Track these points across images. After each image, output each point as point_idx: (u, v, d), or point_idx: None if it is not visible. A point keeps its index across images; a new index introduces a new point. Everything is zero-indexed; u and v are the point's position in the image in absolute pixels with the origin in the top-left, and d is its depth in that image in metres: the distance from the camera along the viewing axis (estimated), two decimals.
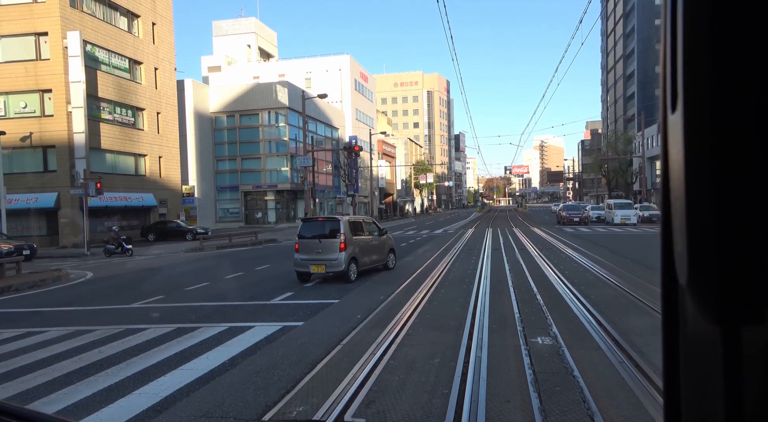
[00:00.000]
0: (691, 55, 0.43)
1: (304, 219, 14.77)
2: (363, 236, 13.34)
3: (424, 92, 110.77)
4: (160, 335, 7.71)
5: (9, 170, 27.96)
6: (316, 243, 12.41)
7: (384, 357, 6.04)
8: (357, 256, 12.69)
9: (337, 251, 12.16)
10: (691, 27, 0.43)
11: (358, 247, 12.83)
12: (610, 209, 35.69)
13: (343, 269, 12.18)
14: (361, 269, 12.96)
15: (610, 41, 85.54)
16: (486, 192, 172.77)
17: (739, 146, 0.42)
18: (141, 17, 35.01)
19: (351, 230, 12.71)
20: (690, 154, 0.44)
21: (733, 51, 0.41)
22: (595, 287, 10.41)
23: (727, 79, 0.42)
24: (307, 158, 36.86)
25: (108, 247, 22.82)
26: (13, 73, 28.95)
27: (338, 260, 12.13)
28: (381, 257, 14.08)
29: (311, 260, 12.30)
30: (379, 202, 68.76)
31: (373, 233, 13.98)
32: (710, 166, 0.42)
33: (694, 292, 0.45)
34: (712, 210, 0.43)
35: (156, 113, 36.21)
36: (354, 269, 12.55)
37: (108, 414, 4.77)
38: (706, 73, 0.42)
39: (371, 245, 13.64)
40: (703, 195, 0.43)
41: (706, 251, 0.43)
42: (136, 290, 12.82)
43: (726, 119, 0.42)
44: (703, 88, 0.43)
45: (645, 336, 6.51)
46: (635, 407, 4.40)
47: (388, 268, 14.42)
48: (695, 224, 0.44)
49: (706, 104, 0.43)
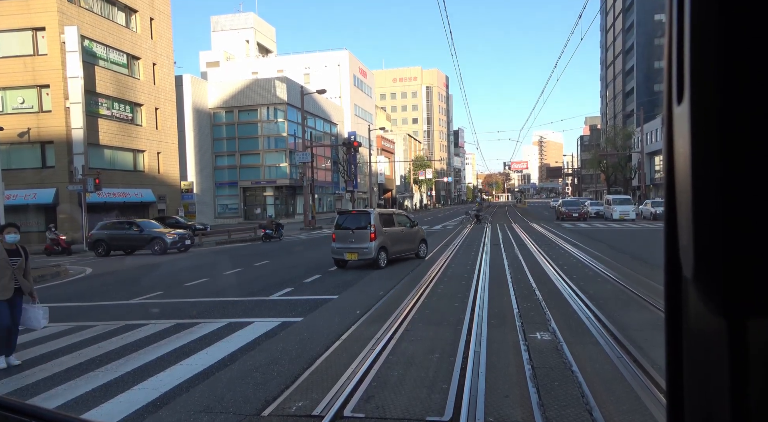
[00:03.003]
0: (699, 44, 0.42)
1: (340, 212, 16.09)
2: (393, 227, 14.55)
3: (423, 88, 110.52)
4: (160, 331, 7.72)
5: (7, 166, 27.86)
6: (350, 233, 13.77)
7: (383, 352, 6.05)
8: (387, 245, 13.96)
9: (368, 241, 13.52)
10: (700, 14, 0.42)
11: (388, 237, 14.08)
12: (608, 204, 35.73)
13: (373, 257, 13.55)
14: (391, 257, 14.21)
15: (610, 36, 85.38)
16: (485, 188, 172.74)
17: (747, 138, 0.41)
18: (139, 12, 34.86)
19: (381, 222, 13.95)
20: (697, 146, 0.43)
21: (743, 40, 0.40)
22: (594, 282, 10.42)
23: (736, 70, 0.41)
24: (306, 154, 36.82)
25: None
26: (11, 68, 28.83)
27: (369, 248, 13.50)
28: (411, 247, 15.33)
29: (345, 249, 13.72)
30: (378, 198, 68.74)
31: (404, 225, 15.23)
32: (718, 158, 0.42)
33: (700, 285, 0.45)
34: (719, 202, 0.42)
35: (154, 109, 36.10)
36: (384, 257, 13.84)
37: (108, 409, 4.78)
38: (714, 63, 0.41)
39: (401, 235, 14.83)
40: (710, 187, 0.42)
41: (713, 244, 0.43)
42: (135, 286, 12.83)
43: (734, 110, 0.41)
44: (711, 79, 0.42)
45: (643, 331, 6.53)
46: (633, 402, 4.42)
47: (420, 256, 15.48)
48: (702, 216, 0.43)
49: (715, 96, 0.42)
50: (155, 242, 21.10)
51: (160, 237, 21.23)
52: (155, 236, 21.33)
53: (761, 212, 0.41)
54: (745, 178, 0.41)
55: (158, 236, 21.30)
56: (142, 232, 21.43)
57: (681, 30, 0.44)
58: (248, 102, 48.29)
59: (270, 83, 48.11)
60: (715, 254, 0.43)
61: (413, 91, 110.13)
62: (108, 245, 21.57)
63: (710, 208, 0.43)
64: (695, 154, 0.43)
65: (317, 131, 52.53)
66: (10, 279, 6.27)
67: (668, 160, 0.50)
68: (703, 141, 0.42)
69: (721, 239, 0.42)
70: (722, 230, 0.42)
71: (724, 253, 0.42)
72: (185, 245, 21.96)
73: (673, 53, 0.46)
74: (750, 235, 0.42)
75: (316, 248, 20.89)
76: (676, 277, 0.52)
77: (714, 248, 0.43)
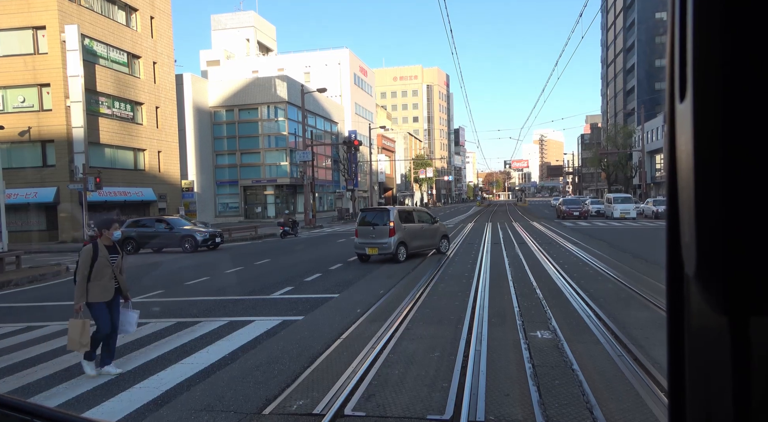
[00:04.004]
0: (703, 40, 0.42)
1: (362, 209, 16.71)
2: (413, 223, 15.20)
3: (423, 86, 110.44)
4: (161, 329, 7.72)
5: (8, 165, 27.88)
6: (370, 230, 14.57)
7: (384, 350, 6.06)
8: (406, 240, 14.60)
9: (387, 236, 14.22)
10: (703, 9, 0.41)
11: (408, 233, 14.71)
12: (609, 203, 35.71)
13: (392, 251, 14.19)
14: (411, 252, 14.86)
15: (610, 35, 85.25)
16: (485, 186, 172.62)
17: (751, 135, 0.41)
18: (139, 11, 34.83)
19: (401, 219, 14.61)
20: (700, 143, 0.42)
21: (748, 35, 0.40)
22: (595, 280, 10.42)
23: (740, 66, 0.40)
24: (307, 153, 36.81)
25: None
26: (11, 67, 28.82)
27: (388, 243, 14.17)
28: (432, 242, 15.88)
29: (367, 244, 14.46)
30: (379, 196, 68.73)
31: (425, 222, 15.78)
32: (721, 155, 0.41)
33: (702, 283, 0.44)
34: (722, 199, 0.42)
35: (155, 108, 36.10)
36: (403, 252, 14.48)
37: (109, 407, 4.78)
38: (718, 59, 0.41)
39: (421, 231, 15.40)
40: (714, 184, 0.42)
41: (716, 241, 0.42)
42: (135, 284, 12.80)
43: (739, 107, 0.41)
44: (714, 76, 0.41)
45: (644, 329, 6.53)
46: (634, 400, 4.42)
47: (441, 252, 15.97)
48: (705, 214, 0.43)
49: (718, 92, 0.41)
50: (186, 240, 20.94)
51: (191, 235, 21.08)
52: (186, 233, 21.16)
53: (765, 209, 0.41)
54: (749, 175, 0.41)
55: (189, 234, 21.14)
56: (173, 230, 21.31)
57: (684, 26, 0.44)
58: (249, 101, 48.25)
59: (270, 82, 48.07)
60: (718, 251, 0.42)
61: (414, 89, 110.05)
62: (137, 243, 21.37)
63: (713, 205, 0.42)
64: (698, 151, 0.43)
65: (318, 129, 52.50)
66: (111, 278, 5.73)
67: (670, 157, 0.49)
68: (707, 138, 0.42)
69: (724, 236, 0.42)
70: (725, 228, 0.42)
71: (726, 251, 0.42)
72: (215, 243, 21.81)
73: (676, 49, 0.46)
74: (753, 233, 0.41)
75: (319, 245, 20.90)
76: (678, 275, 0.51)
77: (717, 246, 0.42)
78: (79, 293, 5.55)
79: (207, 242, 21.29)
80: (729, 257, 0.42)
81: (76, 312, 5.54)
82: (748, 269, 0.42)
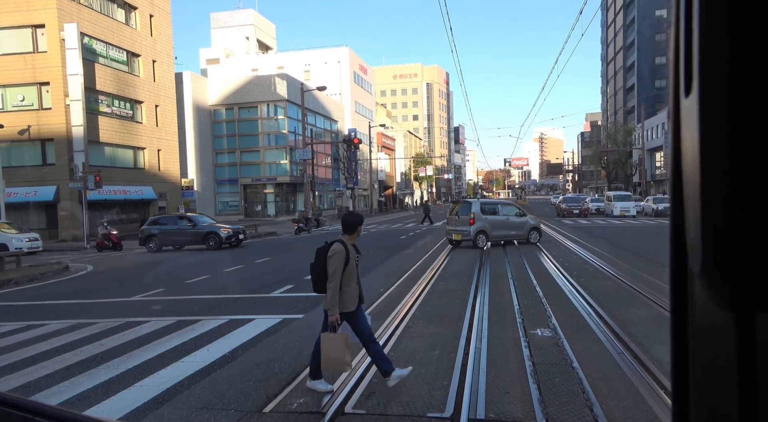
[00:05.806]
0: (709, 34, 0.41)
1: (453, 201, 18.21)
2: (496, 215, 17.10)
3: (423, 84, 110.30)
4: (161, 327, 7.73)
5: (8, 164, 27.90)
6: (457, 219, 17.01)
7: (384, 349, 6.05)
8: (486, 230, 16.63)
9: (467, 225, 16.45)
10: (709, 1, 0.41)
11: (489, 223, 16.71)
12: (609, 201, 35.71)
13: (471, 238, 16.40)
14: (493, 240, 17.04)
15: (610, 32, 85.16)
16: (485, 184, 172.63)
17: (759, 130, 0.40)
18: (138, 9, 34.79)
19: (482, 211, 16.80)
20: (706, 138, 0.42)
21: (755, 28, 0.39)
22: (595, 278, 10.43)
23: (747, 60, 0.40)
24: (307, 151, 36.80)
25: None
26: (11, 65, 28.80)
27: (468, 231, 16.45)
28: (519, 233, 17.40)
29: (453, 231, 16.97)
30: (379, 194, 68.73)
31: (510, 214, 17.45)
32: (728, 150, 0.41)
33: (708, 279, 0.44)
34: (728, 195, 0.41)
35: (154, 106, 36.07)
36: (482, 240, 16.51)
37: (109, 406, 4.79)
38: (725, 53, 0.40)
39: (504, 222, 17.15)
40: (720, 180, 0.42)
41: (722, 237, 0.42)
42: (136, 283, 12.84)
43: (747, 101, 0.40)
44: (721, 70, 0.41)
45: (644, 327, 6.53)
46: (634, 397, 4.42)
47: (530, 242, 17.32)
48: (710, 209, 0.42)
49: (725, 87, 0.41)
50: (210, 237, 20.76)
51: (215, 232, 20.91)
52: (210, 230, 20.97)
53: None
54: (756, 170, 0.41)
55: (213, 231, 20.96)
56: (196, 227, 21.14)
57: (689, 19, 0.43)
58: (248, 99, 48.18)
59: (270, 80, 48.00)
60: (724, 247, 0.42)
61: (413, 87, 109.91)
62: (160, 241, 21.15)
63: (719, 201, 0.42)
64: (704, 146, 0.42)
65: (317, 127, 52.42)
66: (357, 284, 4.82)
67: (675, 153, 0.49)
68: (714, 133, 0.41)
69: (730, 232, 0.41)
70: (731, 223, 0.41)
71: (732, 246, 0.42)
72: (238, 240, 21.59)
73: (681, 44, 0.45)
74: (759, 228, 0.41)
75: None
76: (682, 271, 0.51)
77: (723, 242, 0.42)
78: (333, 301, 4.61)
79: (231, 238, 21.09)
80: (735, 252, 0.42)
81: (332, 325, 4.65)
82: (755, 264, 0.41)
